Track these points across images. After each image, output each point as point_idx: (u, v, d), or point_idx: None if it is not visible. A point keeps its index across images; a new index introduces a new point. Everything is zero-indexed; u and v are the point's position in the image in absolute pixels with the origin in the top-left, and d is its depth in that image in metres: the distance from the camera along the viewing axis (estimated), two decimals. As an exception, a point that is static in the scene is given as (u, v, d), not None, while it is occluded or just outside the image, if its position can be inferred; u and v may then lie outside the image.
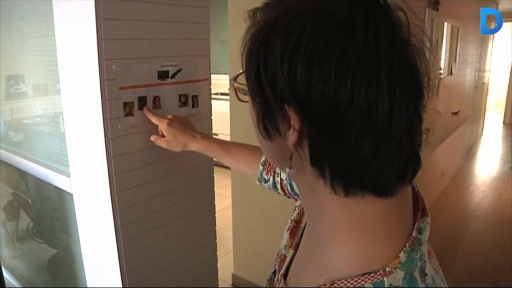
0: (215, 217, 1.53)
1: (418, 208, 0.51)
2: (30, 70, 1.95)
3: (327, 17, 0.40)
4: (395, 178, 0.44)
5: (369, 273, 0.44)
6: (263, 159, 1.02)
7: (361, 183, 0.44)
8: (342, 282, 0.45)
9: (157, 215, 1.29)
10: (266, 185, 1.03)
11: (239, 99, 0.57)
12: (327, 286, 0.46)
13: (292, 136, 0.44)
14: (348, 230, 0.47)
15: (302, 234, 0.64)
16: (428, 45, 0.45)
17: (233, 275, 3.03)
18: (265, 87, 0.43)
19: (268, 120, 0.46)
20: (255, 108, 0.48)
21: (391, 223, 0.47)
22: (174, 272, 1.40)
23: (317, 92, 0.40)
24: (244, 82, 0.50)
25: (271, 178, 1.00)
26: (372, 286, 0.44)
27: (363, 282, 0.44)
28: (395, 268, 0.44)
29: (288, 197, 0.98)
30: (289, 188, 0.94)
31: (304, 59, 0.40)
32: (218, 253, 1.60)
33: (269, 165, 1.01)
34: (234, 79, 0.57)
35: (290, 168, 0.48)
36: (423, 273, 0.46)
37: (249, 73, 0.46)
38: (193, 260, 1.46)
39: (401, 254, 0.45)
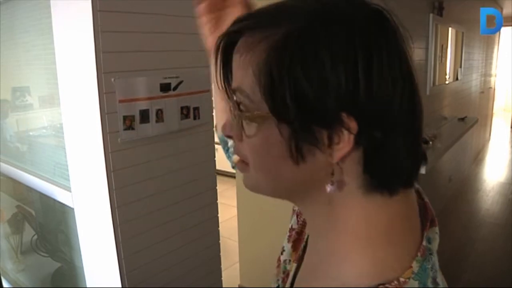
0: (218, 230, 1.50)
1: (427, 218, 0.50)
2: (35, 82, 1.95)
3: (359, 19, 0.41)
4: (417, 170, 0.46)
5: (383, 284, 0.42)
6: None
7: (402, 179, 0.45)
8: None
9: (159, 229, 1.27)
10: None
11: (244, 135, 0.47)
12: None
13: (346, 146, 0.41)
14: (366, 238, 0.45)
15: (304, 247, 0.61)
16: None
17: (239, 287, 3.00)
18: (307, 103, 0.40)
19: (302, 139, 0.42)
20: (283, 132, 0.43)
21: (403, 229, 0.46)
22: (178, 286, 1.37)
23: (374, 93, 0.40)
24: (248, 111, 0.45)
25: None
26: None
27: None
28: (409, 278, 0.42)
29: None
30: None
31: (360, 63, 0.40)
32: (224, 264, 1.57)
33: None
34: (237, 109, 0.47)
35: (332, 184, 0.44)
36: (435, 283, 0.45)
37: (277, 95, 0.42)
38: (197, 274, 1.44)
39: (414, 264, 0.43)
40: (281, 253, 0.66)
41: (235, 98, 0.46)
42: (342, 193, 0.44)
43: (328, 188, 0.45)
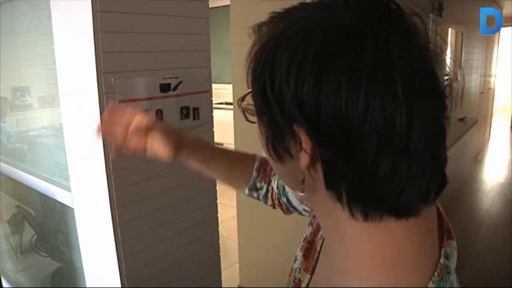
0: (218, 230, 1.51)
1: (443, 230, 0.47)
2: (35, 82, 1.95)
3: (334, 28, 0.38)
4: (417, 198, 0.40)
5: None
6: (256, 164, 0.88)
7: (380, 205, 0.40)
8: None
9: (159, 229, 1.27)
10: (255, 194, 0.90)
11: (247, 120, 0.52)
12: None
13: (304, 159, 0.40)
14: (372, 259, 0.43)
15: (318, 257, 0.60)
16: (449, 52, 0.42)
17: (239, 287, 3.00)
18: (273, 106, 0.40)
19: (277, 141, 0.43)
20: (263, 129, 0.44)
21: (417, 249, 0.43)
22: (177, 287, 1.37)
23: (327, 109, 0.36)
24: (252, 101, 0.46)
25: (265, 186, 0.88)
26: None
27: None
28: None
29: (274, 207, 0.89)
30: (281, 198, 0.85)
31: (312, 74, 0.37)
32: (224, 264, 1.58)
33: (264, 171, 0.88)
34: (241, 99, 0.53)
35: (302, 192, 0.44)
36: None
37: (255, 92, 0.43)
38: (197, 274, 1.44)
39: (430, 285, 0.40)
40: (294, 262, 0.65)
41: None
42: (336, 207, 0.42)
43: (299, 194, 0.44)
